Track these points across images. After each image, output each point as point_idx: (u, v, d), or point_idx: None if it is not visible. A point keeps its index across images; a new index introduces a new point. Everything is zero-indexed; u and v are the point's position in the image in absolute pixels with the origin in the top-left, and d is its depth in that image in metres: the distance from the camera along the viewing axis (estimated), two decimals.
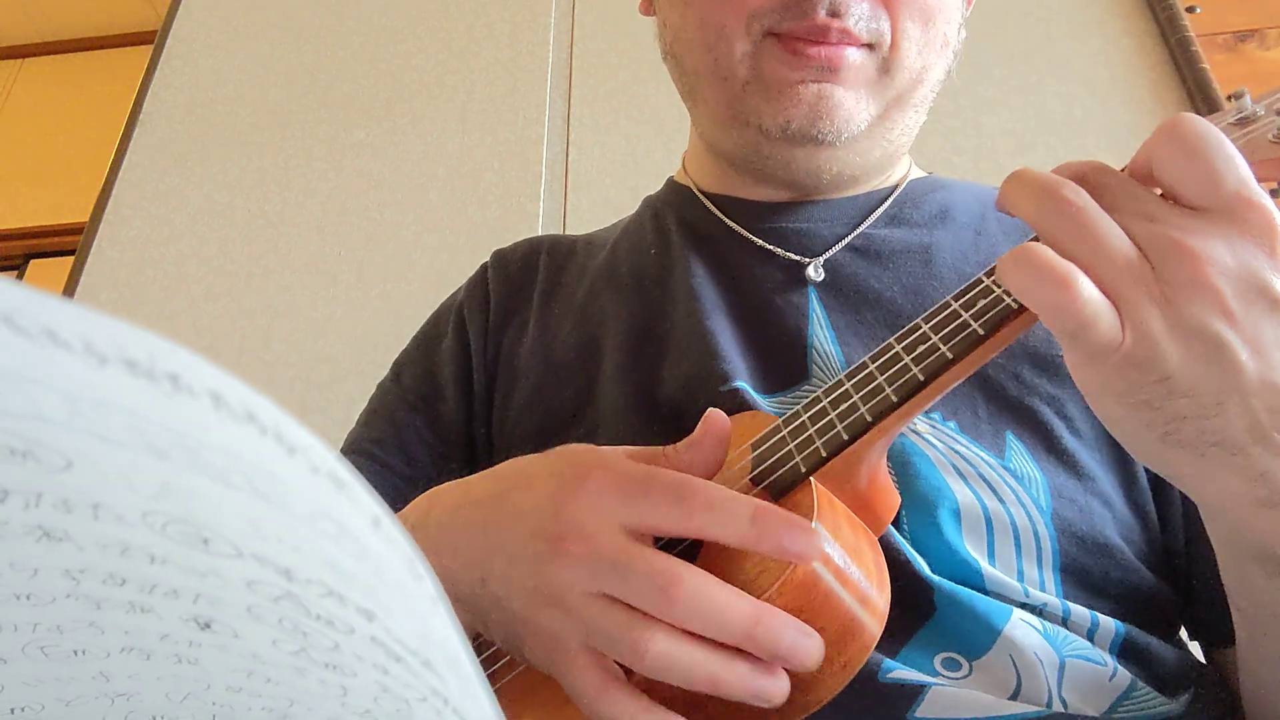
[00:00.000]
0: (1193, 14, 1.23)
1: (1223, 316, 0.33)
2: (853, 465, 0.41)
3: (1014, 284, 0.34)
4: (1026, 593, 0.46)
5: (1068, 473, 0.50)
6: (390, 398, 0.68)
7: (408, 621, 0.19)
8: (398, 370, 0.71)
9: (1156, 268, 0.33)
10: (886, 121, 0.60)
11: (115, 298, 1.29)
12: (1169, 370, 0.33)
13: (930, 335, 0.40)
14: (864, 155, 0.62)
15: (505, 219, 1.26)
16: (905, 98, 0.60)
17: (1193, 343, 0.33)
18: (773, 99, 0.57)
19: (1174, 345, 0.33)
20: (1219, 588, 0.44)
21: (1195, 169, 0.34)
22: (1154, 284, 0.33)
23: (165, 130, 1.43)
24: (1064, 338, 0.35)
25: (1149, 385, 0.34)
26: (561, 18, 1.42)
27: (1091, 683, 0.44)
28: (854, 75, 0.57)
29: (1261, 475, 0.34)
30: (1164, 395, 0.34)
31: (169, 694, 0.24)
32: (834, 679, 0.37)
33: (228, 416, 0.15)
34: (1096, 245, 0.34)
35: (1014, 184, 0.37)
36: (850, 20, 0.55)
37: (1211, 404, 0.33)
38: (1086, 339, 0.33)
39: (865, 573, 0.38)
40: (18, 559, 0.17)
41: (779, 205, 0.65)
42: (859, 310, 0.57)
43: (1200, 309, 0.33)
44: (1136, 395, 0.34)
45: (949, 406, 0.52)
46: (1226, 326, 0.33)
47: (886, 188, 0.66)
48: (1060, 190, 0.35)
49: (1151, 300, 0.33)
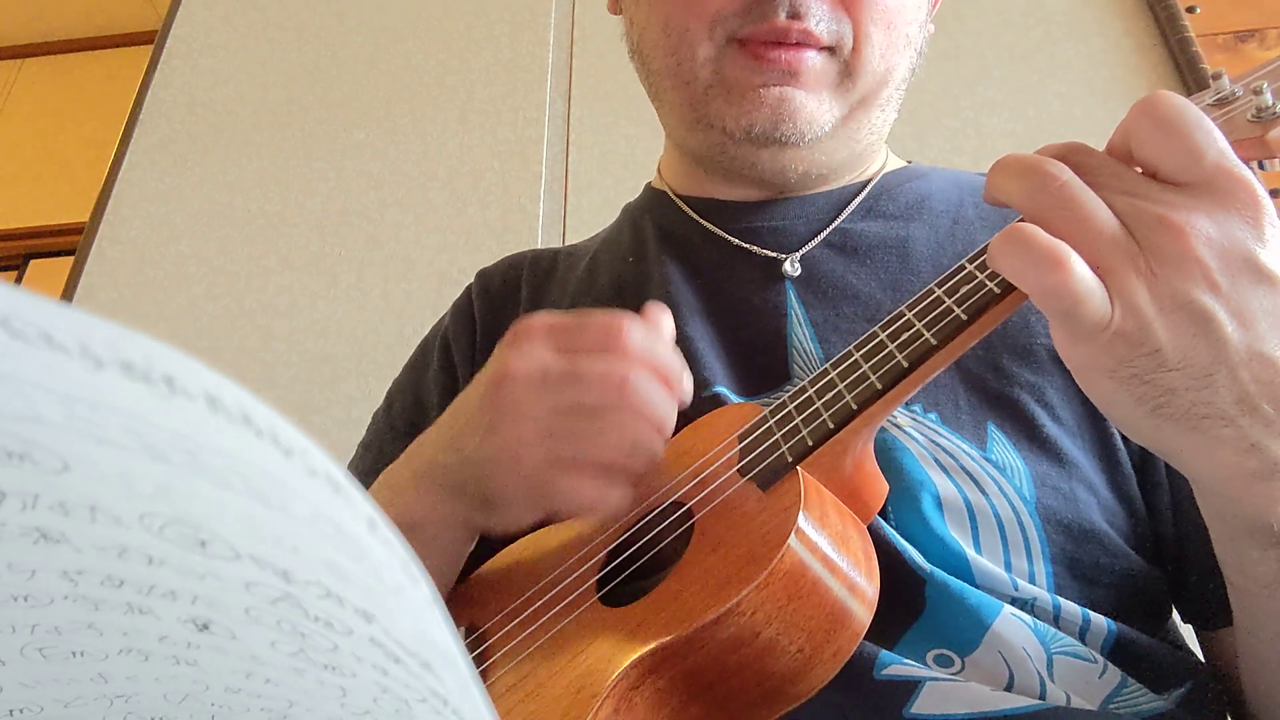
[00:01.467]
0: (1193, 14, 1.23)
1: (1209, 289, 0.33)
2: (840, 454, 0.41)
3: (1006, 266, 0.34)
4: (1015, 585, 0.46)
5: (1050, 461, 0.50)
6: (381, 427, 0.70)
7: (406, 623, 0.19)
8: (389, 400, 0.72)
9: (1141, 243, 0.34)
10: (852, 123, 0.61)
11: (115, 298, 1.29)
12: (1158, 343, 0.34)
13: (914, 322, 0.40)
14: (830, 155, 0.62)
15: (505, 219, 1.26)
16: (870, 99, 0.61)
17: (1180, 315, 0.33)
18: (735, 102, 0.58)
19: (1162, 318, 0.33)
20: (1212, 571, 0.44)
21: (1174, 144, 0.34)
22: (1140, 258, 0.33)
23: (165, 130, 1.43)
24: (1055, 316, 0.35)
25: (1139, 359, 0.34)
26: (561, 18, 1.43)
27: (1080, 678, 0.44)
28: (815, 78, 0.57)
29: (1252, 446, 0.34)
30: (1154, 368, 0.34)
31: (167, 695, 0.24)
32: (824, 667, 0.37)
33: (224, 419, 0.15)
34: (1083, 221, 0.34)
35: (999, 170, 0.37)
36: (811, 21, 0.56)
37: (1201, 375, 0.34)
38: (1078, 317, 0.33)
39: (853, 561, 0.38)
40: (15, 561, 0.17)
41: (753, 204, 0.65)
42: (837, 306, 0.57)
43: (1186, 282, 0.33)
44: (1126, 370, 0.35)
45: (930, 399, 0.52)
46: (1213, 298, 0.33)
47: (861, 181, 0.66)
48: (1044, 167, 0.35)
49: (1138, 274, 0.33)
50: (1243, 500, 0.36)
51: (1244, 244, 0.34)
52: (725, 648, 0.36)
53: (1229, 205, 0.34)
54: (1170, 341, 0.33)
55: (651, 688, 0.36)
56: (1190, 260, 0.33)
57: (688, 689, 0.36)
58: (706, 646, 0.36)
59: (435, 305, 1.20)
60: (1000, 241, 0.34)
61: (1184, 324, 0.33)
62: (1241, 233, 0.34)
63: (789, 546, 0.36)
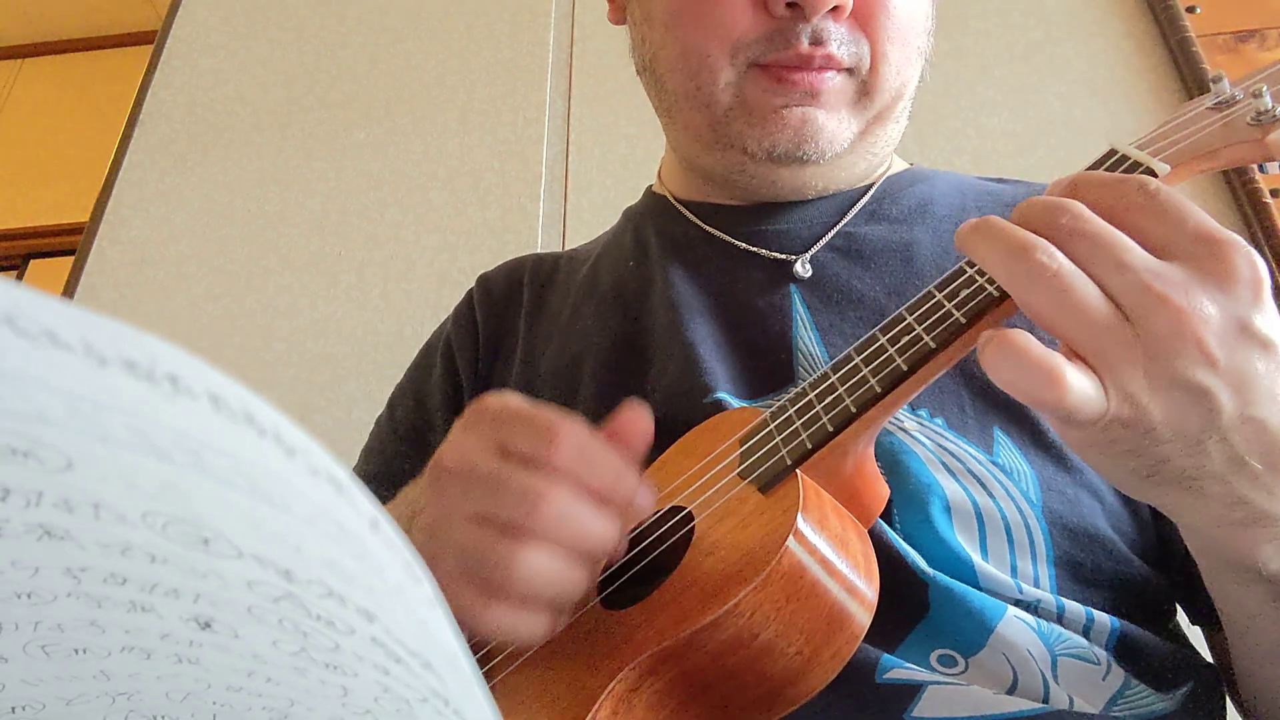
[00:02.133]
0: (1193, 14, 1.23)
1: (1207, 366, 0.32)
2: (840, 456, 0.41)
3: (1002, 377, 0.33)
4: (1020, 588, 0.46)
5: (1056, 465, 0.50)
6: (384, 431, 0.70)
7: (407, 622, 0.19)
8: (392, 405, 0.72)
9: (1135, 323, 0.33)
10: (869, 137, 0.62)
11: (115, 298, 1.29)
12: (1153, 423, 0.33)
13: (914, 326, 0.40)
14: (848, 169, 0.63)
15: (505, 219, 1.26)
16: (886, 114, 0.61)
17: (1176, 394, 0.33)
18: (756, 124, 0.58)
19: (1157, 400, 0.33)
20: None
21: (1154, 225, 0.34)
22: (1134, 344, 0.33)
23: (165, 130, 1.43)
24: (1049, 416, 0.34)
25: (1132, 438, 0.34)
26: (561, 18, 1.43)
27: (1085, 679, 0.44)
28: (835, 98, 0.58)
29: (1239, 500, 0.35)
30: (1147, 445, 0.34)
31: (169, 693, 0.24)
32: (824, 669, 0.37)
33: (227, 418, 0.15)
34: (1075, 312, 0.33)
35: (980, 238, 0.35)
36: (833, 46, 0.56)
37: (1193, 444, 0.34)
38: (1075, 420, 0.33)
39: (853, 563, 0.38)
40: (19, 558, 0.17)
41: (755, 208, 0.65)
42: (842, 310, 0.57)
43: (1183, 362, 0.32)
44: (1120, 447, 0.35)
45: (936, 403, 0.52)
46: (1210, 374, 0.32)
47: (865, 184, 0.66)
48: (1034, 255, 0.34)
49: (1133, 363, 0.32)
50: (1227, 544, 0.37)
51: (1240, 312, 0.33)
52: (724, 649, 0.36)
53: (1223, 273, 0.33)
54: (1164, 419, 0.33)
55: (650, 690, 0.36)
56: (1188, 339, 0.32)
57: (686, 691, 0.36)
58: (705, 648, 0.36)
59: (435, 305, 1.20)
60: (994, 348, 0.33)
61: (1179, 401, 0.33)
62: (1237, 301, 0.33)
63: (787, 548, 0.36)
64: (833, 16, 0.55)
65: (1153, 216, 0.34)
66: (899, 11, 0.58)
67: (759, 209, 0.65)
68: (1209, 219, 0.34)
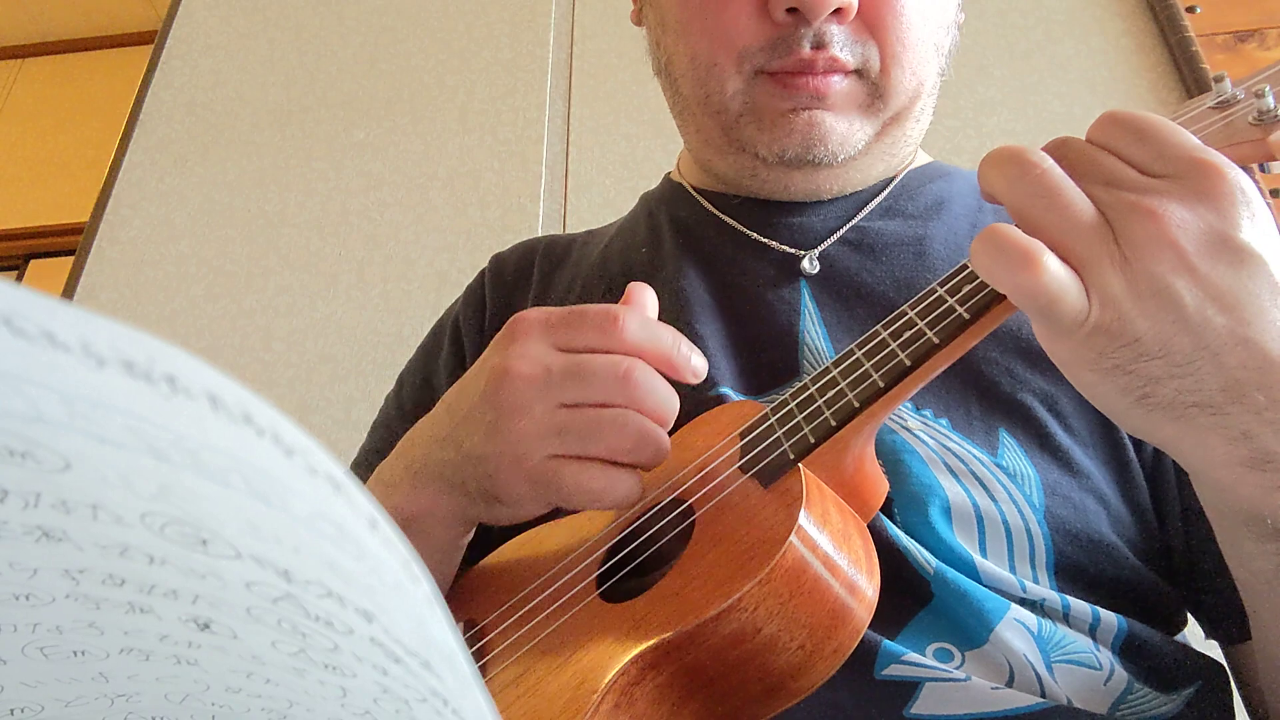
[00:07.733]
0: (1193, 14, 1.23)
1: (1185, 272, 0.33)
2: (841, 452, 0.41)
3: (981, 266, 0.34)
4: (1023, 587, 0.46)
5: (1061, 469, 0.50)
6: (390, 409, 0.71)
7: (406, 622, 0.19)
8: (400, 383, 0.73)
9: (1116, 229, 0.34)
10: (887, 138, 0.61)
11: (115, 298, 1.29)
12: (1137, 333, 0.33)
13: (916, 321, 0.40)
14: (865, 171, 0.63)
15: (505, 219, 1.26)
16: (904, 114, 0.61)
17: (1157, 302, 0.33)
18: (766, 129, 0.58)
19: (1138, 306, 0.33)
20: (1227, 586, 0.44)
21: (1147, 139, 0.35)
22: (1114, 246, 0.33)
23: (165, 130, 1.43)
24: (1032, 314, 0.35)
25: (1119, 350, 0.34)
26: (561, 18, 1.42)
27: (1085, 684, 0.44)
28: (843, 101, 0.58)
29: (1243, 435, 0.34)
30: (1134, 358, 0.34)
31: (168, 695, 0.24)
32: (825, 664, 0.37)
33: (225, 418, 0.15)
34: (1061, 210, 0.34)
35: (986, 163, 0.38)
36: (835, 49, 0.56)
37: (1183, 363, 0.34)
38: (1054, 315, 0.33)
39: (853, 559, 0.38)
40: (17, 559, 0.17)
41: (775, 202, 0.65)
42: (850, 305, 0.57)
43: (1160, 266, 0.33)
44: (1108, 361, 0.35)
45: (941, 404, 0.52)
46: (1189, 283, 0.33)
47: (885, 179, 0.66)
48: (1025, 156, 0.36)
49: (1113, 264, 0.33)
50: (1237, 490, 0.36)
51: (1221, 225, 0.33)
52: (726, 643, 0.36)
53: (1205, 189, 0.34)
54: (1148, 330, 0.33)
55: (652, 683, 0.36)
56: (1164, 244, 0.33)
57: (688, 684, 0.36)
58: (707, 642, 0.36)
59: (435, 305, 1.20)
60: (976, 241, 0.34)
61: (1161, 311, 0.33)
62: (1217, 215, 0.33)
63: (791, 543, 0.36)
64: (836, 19, 0.55)
65: (1143, 140, 0.36)
66: (908, 11, 0.57)
67: (777, 202, 0.65)
68: (1198, 143, 0.35)
